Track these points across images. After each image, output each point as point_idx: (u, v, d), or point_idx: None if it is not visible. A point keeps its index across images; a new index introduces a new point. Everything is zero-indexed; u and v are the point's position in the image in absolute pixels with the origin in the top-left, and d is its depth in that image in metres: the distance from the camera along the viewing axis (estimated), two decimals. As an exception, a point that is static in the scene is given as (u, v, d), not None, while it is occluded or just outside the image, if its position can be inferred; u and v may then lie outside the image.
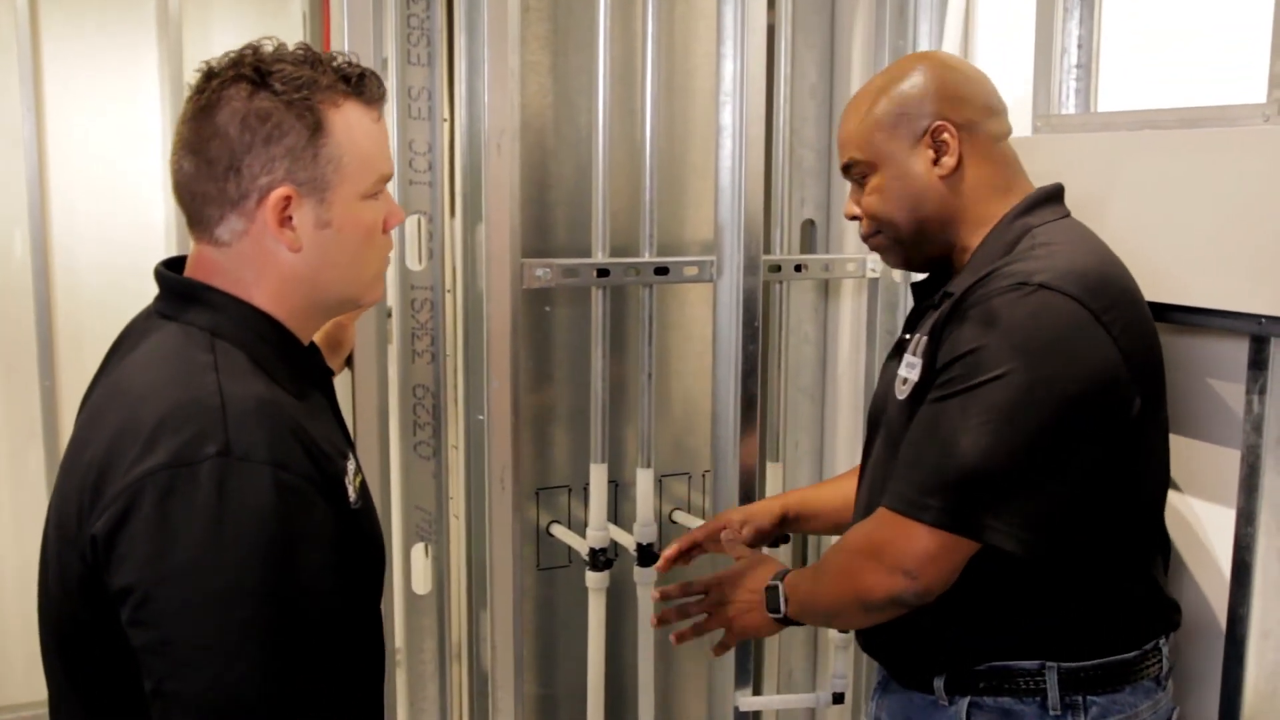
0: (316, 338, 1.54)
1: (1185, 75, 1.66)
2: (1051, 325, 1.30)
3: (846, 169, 1.53)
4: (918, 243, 1.50)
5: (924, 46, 2.08)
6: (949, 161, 1.45)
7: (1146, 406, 1.36)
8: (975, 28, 1.99)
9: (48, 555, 1.13)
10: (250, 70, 1.11)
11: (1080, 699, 1.40)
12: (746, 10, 1.89)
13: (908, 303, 2.16)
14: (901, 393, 1.44)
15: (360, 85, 1.16)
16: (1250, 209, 1.44)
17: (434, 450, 2.08)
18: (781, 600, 1.51)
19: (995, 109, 1.50)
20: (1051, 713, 1.40)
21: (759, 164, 1.93)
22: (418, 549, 2.11)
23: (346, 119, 1.15)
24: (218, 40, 3.27)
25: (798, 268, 2.14)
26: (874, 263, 2.18)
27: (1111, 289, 1.36)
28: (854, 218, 1.54)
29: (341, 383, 1.70)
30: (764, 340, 2.16)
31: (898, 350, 1.53)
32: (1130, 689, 1.42)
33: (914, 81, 1.47)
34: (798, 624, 1.54)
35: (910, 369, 1.44)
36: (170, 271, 1.19)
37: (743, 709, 2.00)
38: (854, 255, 2.22)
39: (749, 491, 1.98)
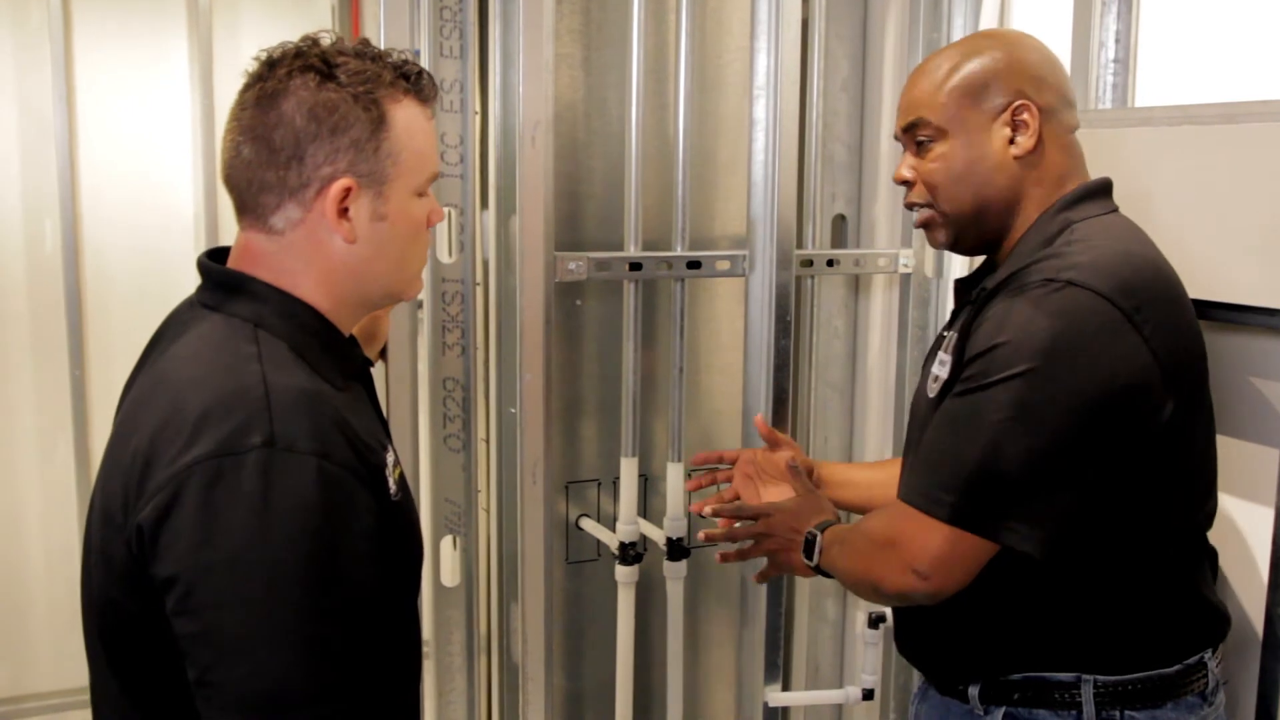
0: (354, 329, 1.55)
1: (1224, 70, 1.64)
2: (1077, 324, 1.26)
3: (909, 129, 1.46)
4: (974, 222, 1.44)
5: (957, 39, 2.07)
6: (1026, 142, 1.40)
7: (1181, 410, 1.31)
8: (1011, 21, 1.98)
9: (91, 544, 1.14)
10: (318, 60, 1.12)
11: (1118, 714, 1.36)
12: (781, 5, 1.88)
13: (941, 298, 2.15)
14: (932, 390, 1.42)
15: (419, 83, 1.18)
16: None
17: (464, 443, 2.09)
18: (816, 551, 1.51)
19: (1070, 100, 1.45)
20: None
21: (792, 158, 1.93)
22: (446, 541, 2.11)
23: (406, 115, 1.16)
24: (246, 30, 3.29)
25: (830, 262, 2.13)
26: (906, 258, 2.17)
27: (1148, 287, 1.30)
28: (905, 182, 1.48)
29: (375, 375, 1.71)
30: (794, 335, 2.16)
31: (936, 348, 1.51)
32: (1173, 705, 1.37)
33: (999, 55, 1.41)
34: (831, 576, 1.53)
35: (942, 366, 1.41)
36: (213, 262, 1.19)
37: (772, 704, 2.00)
38: (886, 250, 2.21)
39: (780, 486, 1.97)
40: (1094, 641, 1.37)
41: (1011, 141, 1.40)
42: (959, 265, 2.08)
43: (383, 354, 1.74)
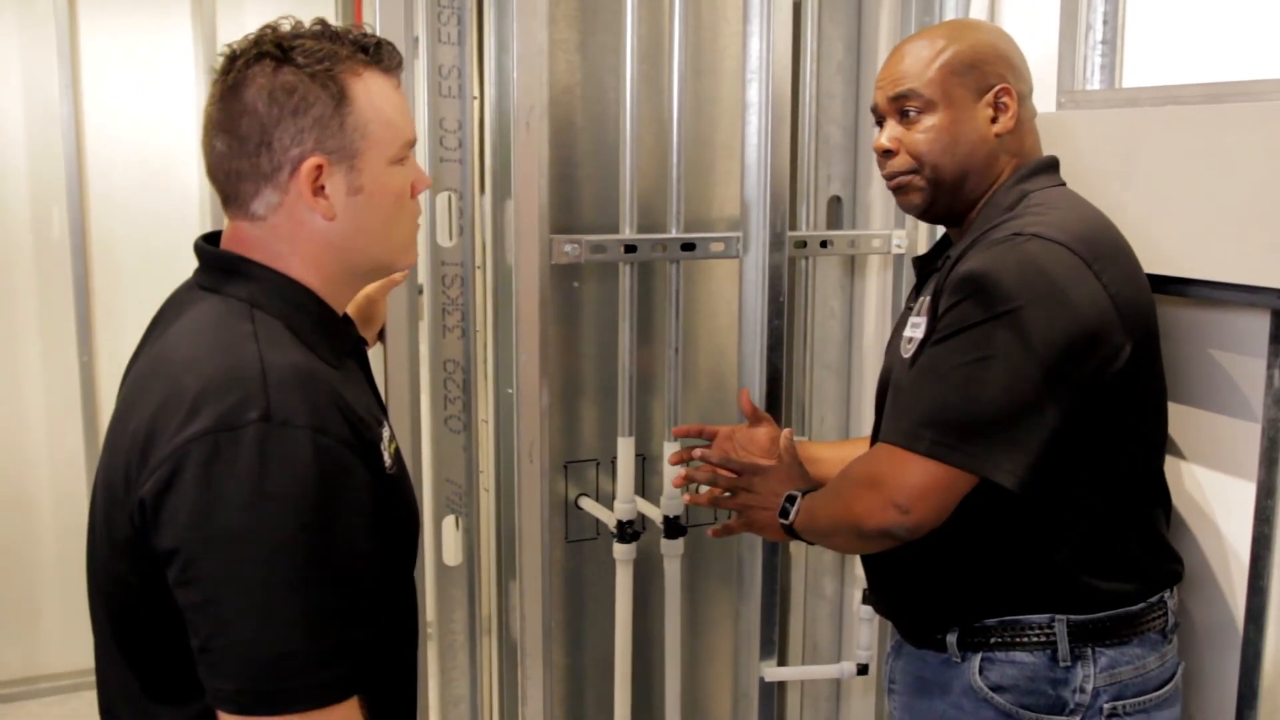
0: (349, 312, 1.58)
1: (1210, 50, 1.66)
2: (1044, 269, 1.36)
3: (897, 99, 1.54)
4: (951, 190, 1.53)
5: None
6: (1007, 122, 1.51)
7: (1137, 355, 1.41)
8: (1001, 3, 2.00)
9: (95, 520, 1.17)
10: (272, 47, 1.15)
11: (1089, 650, 1.44)
12: (774, -12, 1.90)
13: None
14: (907, 351, 1.49)
15: (378, 54, 1.20)
16: (1272, 184, 1.44)
17: (464, 424, 2.12)
18: (795, 511, 1.56)
19: (1032, 89, 1.58)
20: (1061, 664, 1.44)
21: (785, 141, 1.95)
22: (448, 521, 2.15)
23: (368, 87, 1.18)
24: (251, 19, 3.31)
25: (823, 244, 2.15)
26: (899, 239, 2.19)
27: (1103, 241, 1.43)
28: (887, 151, 1.55)
29: (374, 357, 1.74)
30: (789, 316, 2.18)
31: (905, 317, 1.58)
32: (1138, 641, 1.47)
33: (985, 40, 1.53)
34: (800, 538, 1.58)
35: (915, 328, 1.49)
36: (209, 246, 1.23)
37: (768, 680, 2.04)
38: (880, 231, 2.23)
39: (774, 465, 2.00)
40: (1065, 582, 1.45)
41: (994, 121, 1.51)
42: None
43: (380, 336, 1.77)
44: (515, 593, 2.01)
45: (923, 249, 2.19)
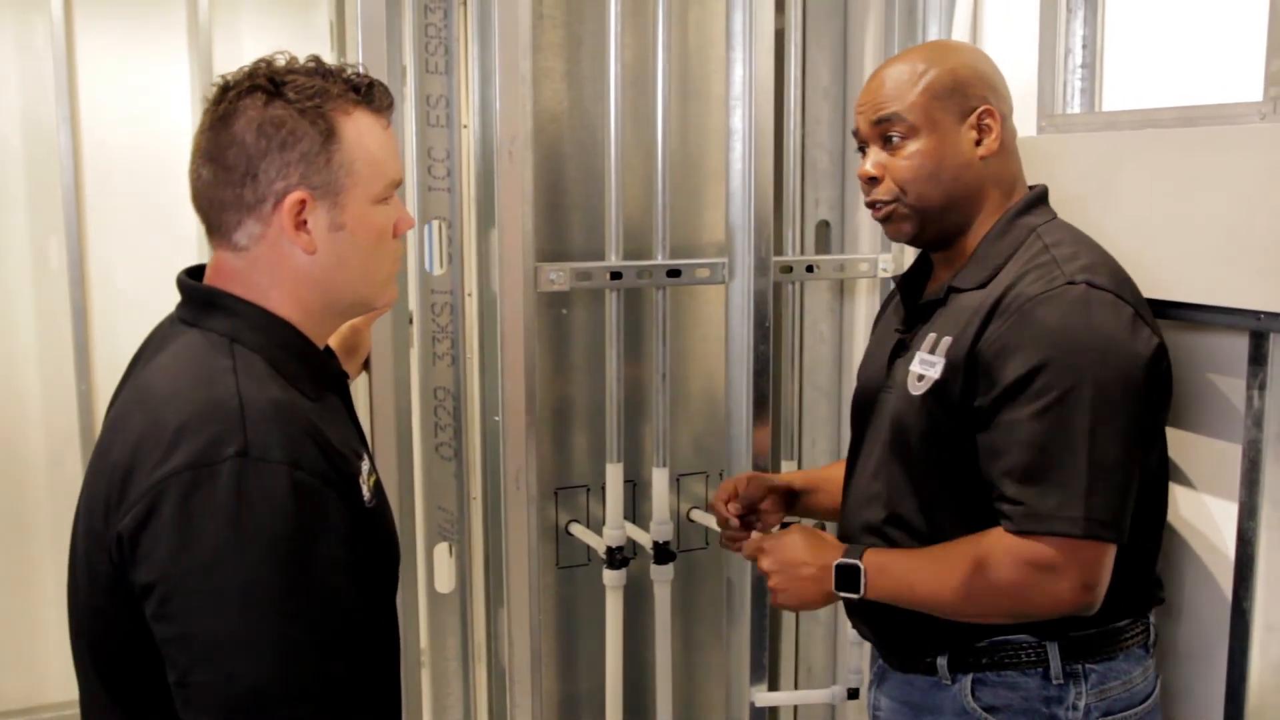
0: (334, 342, 1.60)
1: (1187, 74, 1.68)
2: (1110, 324, 1.36)
3: (880, 124, 1.50)
4: (938, 217, 1.51)
5: (933, 48, 2.10)
6: (991, 144, 1.49)
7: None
8: (983, 28, 2.01)
9: (76, 554, 1.18)
10: (265, 81, 1.16)
11: (1080, 667, 1.45)
12: (754, 16, 1.92)
13: None
14: (916, 388, 1.46)
15: (370, 94, 1.21)
16: (1248, 205, 1.46)
17: (455, 451, 2.13)
18: (862, 583, 1.46)
19: (1013, 108, 1.56)
20: (1054, 682, 1.45)
21: (768, 167, 1.96)
22: (440, 548, 2.16)
23: (357, 126, 1.19)
24: (248, 51, 3.33)
25: (809, 268, 2.16)
26: (885, 263, 2.20)
27: (1131, 284, 1.43)
28: (873, 179, 1.52)
29: (360, 385, 1.75)
30: (778, 340, 2.19)
31: (900, 347, 1.55)
32: (1124, 656, 1.47)
33: (965, 61, 1.51)
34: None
35: (928, 366, 1.46)
36: (191, 279, 1.24)
37: (758, 704, 2.04)
38: (866, 255, 2.24)
39: (762, 489, 2.01)
40: None
41: (978, 143, 1.49)
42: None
43: (366, 366, 1.78)
44: (504, 620, 2.01)
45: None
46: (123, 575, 1.08)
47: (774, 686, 2.33)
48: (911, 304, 1.59)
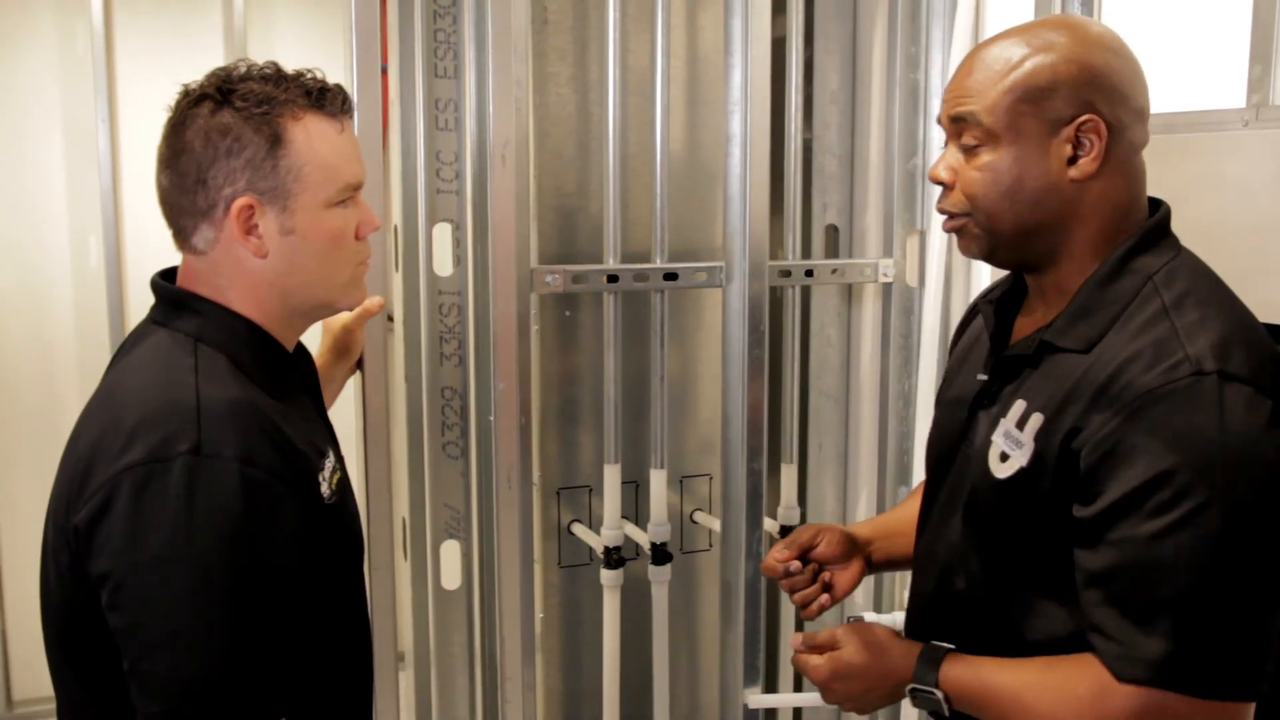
0: (326, 343, 1.63)
1: (1170, 81, 1.65)
2: (1244, 430, 1.10)
3: (957, 121, 1.26)
4: (1014, 243, 1.26)
5: (935, 52, 2.09)
6: (1088, 165, 1.21)
7: None
8: (984, 31, 2.00)
9: (46, 546, 1.22)
10: (214, 89, 1.20)
11: None
12: (752, 21, 1.92)
13: (934, 308, 2.12)
14: (1000, 471, 1.25)
15: (321, 98, 1.24)
16: (1231, 212, 1.44)
17: (461, 450, 2.16)
18: (944, 706, 1.28)
19: (1144, 112, 1.25)
20: None
21: (764, 171, 1.96)
22: (446, 546, 2.19)
23: (307, 130, 1.22)
24: (280, 51, 3.39)
25: (808, 273, 2.16)
26: (886, 267, 2.19)
27: (1273, 356, 1.16)
28: (942, 183, 1.29)
29: (353, 384, 1.78)
30: (779, 344, 2.19)
31: (981, 398, 1.34)
32: None
33: (1073, 55, 1.20)
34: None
35: (1015, 446, 1.24)
36: (164, 281, 1.28)
37: (751, 706, 2.04)
38: (868, 260, 2.23)
39: (757, 492, 2.01)
40: None
41: (1071, 161, 1.21)
42: (936, 276, 2.09)
43: (359, 365, 1.81)
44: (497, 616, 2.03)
45: (912, 279, 2.19)
46: (81, 566, 1.13)
47: (772, 688, 2.33)
48: (998, 346, 1.35)
